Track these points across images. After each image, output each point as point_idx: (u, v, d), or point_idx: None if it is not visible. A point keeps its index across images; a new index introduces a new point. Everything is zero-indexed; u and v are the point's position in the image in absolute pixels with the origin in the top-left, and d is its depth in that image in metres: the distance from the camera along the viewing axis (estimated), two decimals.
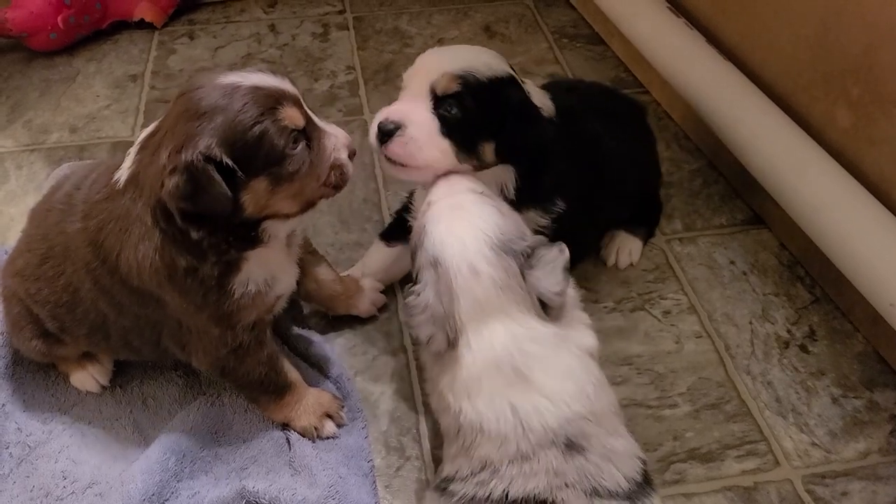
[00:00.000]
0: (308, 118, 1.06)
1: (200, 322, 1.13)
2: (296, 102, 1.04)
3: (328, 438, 1.26)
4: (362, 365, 1.42)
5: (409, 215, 1.39)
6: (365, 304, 1.45)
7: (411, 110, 1.19)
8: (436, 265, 1.04)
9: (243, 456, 1.25)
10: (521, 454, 0.99)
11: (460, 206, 1.09)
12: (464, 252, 1.03)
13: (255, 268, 1.11)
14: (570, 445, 0.99)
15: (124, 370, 1.37)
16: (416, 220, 1.14)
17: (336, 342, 1.44)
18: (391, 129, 1.18)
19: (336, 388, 1.33)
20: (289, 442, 1.26)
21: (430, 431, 1.31)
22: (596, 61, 2.18)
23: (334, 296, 1.42)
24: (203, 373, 1.31)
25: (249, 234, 1.06)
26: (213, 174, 0.97)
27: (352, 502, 1.17)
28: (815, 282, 1.57)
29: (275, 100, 1.01)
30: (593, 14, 2.28)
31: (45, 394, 1.34)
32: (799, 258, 1.61)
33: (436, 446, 1.27)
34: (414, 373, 1.40)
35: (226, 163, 0.97)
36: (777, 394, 1.38)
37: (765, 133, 1.57)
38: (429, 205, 1.12)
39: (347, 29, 2.31)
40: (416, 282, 1.08)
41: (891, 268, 1.30)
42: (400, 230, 1.43)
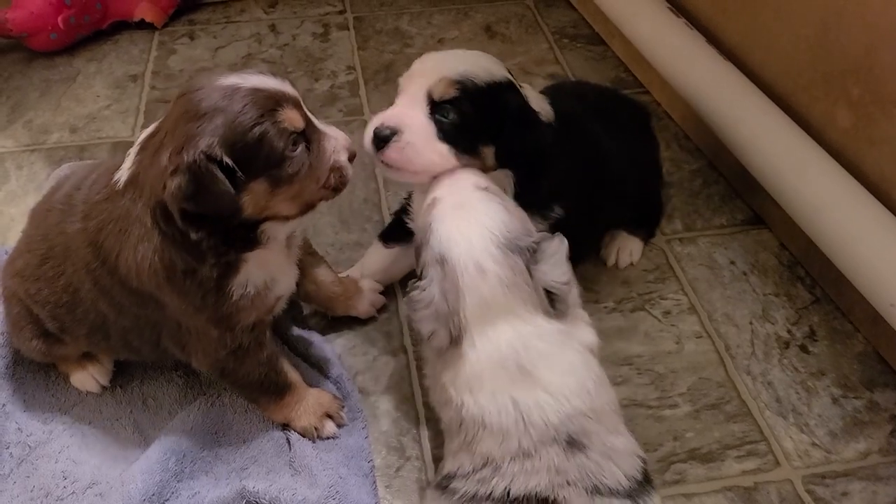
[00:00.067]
0: (308, 120, 1.06)
1: (199, 323, 1.13)
2: (296, 104, 1.04)
3: (328, 439, 1.26)
4: (362, 365, 1.42)
5: (407, 217, 1.39)
6: (364, 305, 1.45)
7: (407, 115, 1.18)
8: (442, 263, 1.04)
9: (243, 456, 1.25)
10: (523, 451, 0.99)
11: (466, 204, 1.08)
12: (470, 251, 1.03)
13: (255, 269, 1.11)
14: (571, 443, 0.99)
15: (124, 370, 1.37)
16: (421, 217, 1.13)
17: (336, 342, 1.44)
18: (387, 135, 1.17)
19: (336, 388, 1.33)
20: (289, 442, 1.26)
21: (430, 431, 1.31)
22: (596, 61, 2.18)
23: (333, 297, 1.42)
24: (203, 373, 1.31)
25: (248, 236, 1.06)
26: (216, 172, 0.96)
27: (352, 502, 1.17)
28: (815, 282, 1.57)
29: (275, 102, 1.01)
30: (593, 14, 2.28)
31: (45, 394, 1.34)
32: (799, 258, 1.61)
33: (436, 446, 1.27)
34: (414, 373, 1.40)
35: (226, 163, 0.97)
36: (777, 394, 1.38)
37: (765, 133, 1.57)
38: (434, 202, 1.11)
39: (348, 29, 2.31)
40: (420, 277, 1.07)
41: (891, 268, 1.30)
42: (398, 231, 1.43)
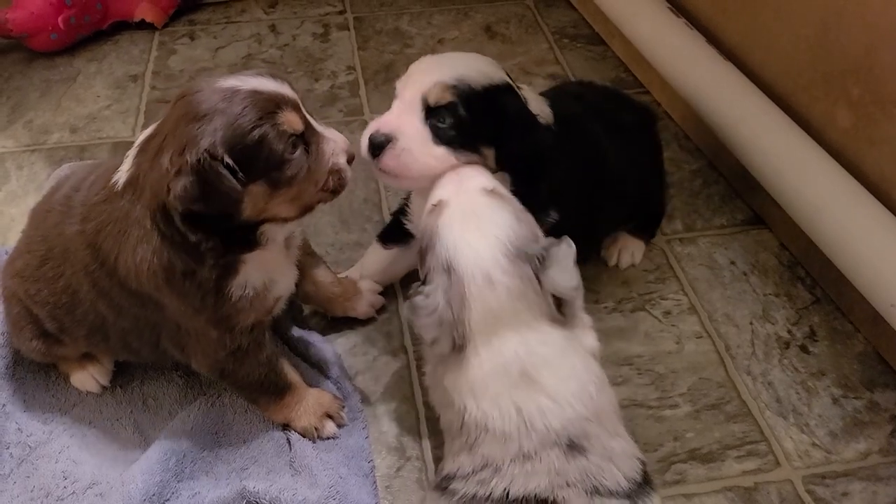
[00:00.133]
0: (307, 123, 1.06)
1: (199, 325, 1.12)
2: (295, 107, 1.04)
3: (329, 439, 1.26)
4: (363, 365, 1.41)
5: (406, 218, 1.38)
6: (363, 306, 1.45)
7: (402, 122, 1.16)
8: (449, 271, 1.02)
9: (244, 456, 1.25)
10: (524, 453, 0.98)
11: (475, 211, 1.05)
12: (479, 261, 1.01)
13: (253, 270, 1.11)
14: (571, 446, 0.98)
15: (125, 370, 1.37)
16: (425, 219, 1.11)
17: (336, 342, 1.44)
18: (382, 142, 1.16)
19: (336, 388, 1.33)
20: (289, 442, 1.26)
21: (430, 431, 1.31)
22: (596, 61, 2.18)
23: (332, 298, 1.42)
24: (203, 374, 1.31)
25: (247, 238, 1.06)
26: (221, 170, 0.96)
27: (352, 502, 1.17)
28: (815, 282, 1.57)
29: (274, 104, 1.01)
30: (594, 14, 2.28)
31: (45, 394, 1.34)
32: (799, 258, 1.61)
33: (436, 446, 1.27)
34: (414, 373, 1.40)
35: (227, 162, 0.97)
36: (777, 394, 1.38)
37: (765, 133, 1.57)
38: (440, 205, 1.08)
39: (348, 29, 2.31)
40: (424, 282, 1.06)
41: (891, 268, 1.30)
42: (397, 232, 1.42)
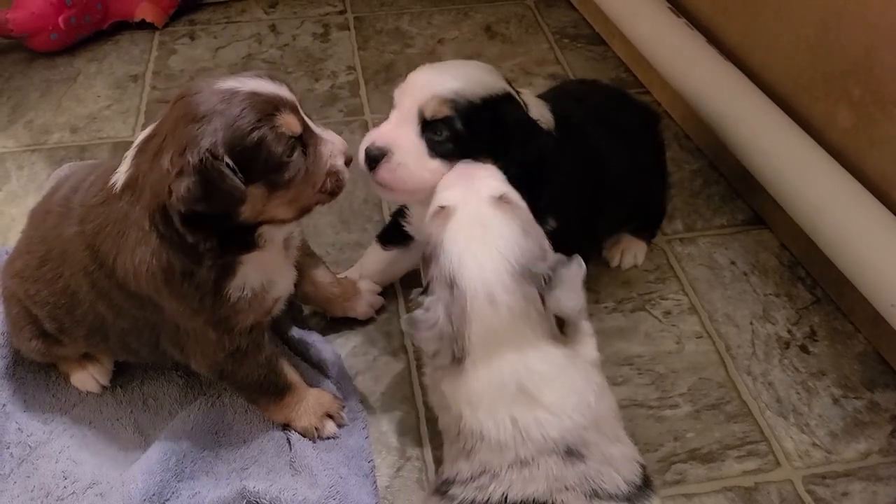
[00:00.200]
0: (305, 125, 1.05)
1: (197, 326, 1.12)
2: (293, 109, 1.04)
3: (329, 439, 1.26)
4: (363, 365, 1.41)
5: (405, 220, 1.37)
6: (362, 306, 1.45)
7: (398, 134, 1.15)
8: (451, 286, 1.00)
9: (244, 456, 1.25)
10: (521, 460, 0.98)
11: (482, 223, 1.02)
12: (483, 279, 0.98)
13: (252, 271, 1.11)
14: (569, 453, 0.98)
15: (125, 370, 1.37)
16: (429, 222, 1.08)
17: (336, 343, 1.44)
18: (377, 155, 1.15)
19: (336, 388, 1.33)
20: (289, 442, 1.26)
21: (430, 431, 1.31)
22: (597, 62, 2.18)
23: (332, 298, 1.42)
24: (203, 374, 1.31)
25: (245, 239, 1.06)
26: (223, 169, 0.96)
27: (352, 502, 1.17)
28: (815, 282, 1.57)
29: (272, 106, 1.01)
30: (594, 14, 2.28)
31: (45, 394, 1.34)
32: (800, 258, 1.61)
33: (436, 446, 1.27)
34: (414, 373, 1.40)
35: (227, 162, 0.97)
36: (778, 394, 1.38)
37: (766, 133, 1.57)
38: (448, 211, 1.05)
39: (348, 29, 2.31)
40: (426, 290, 1.04)
41: (892, 268, 1.29)
42: (397, 233, 1.42)
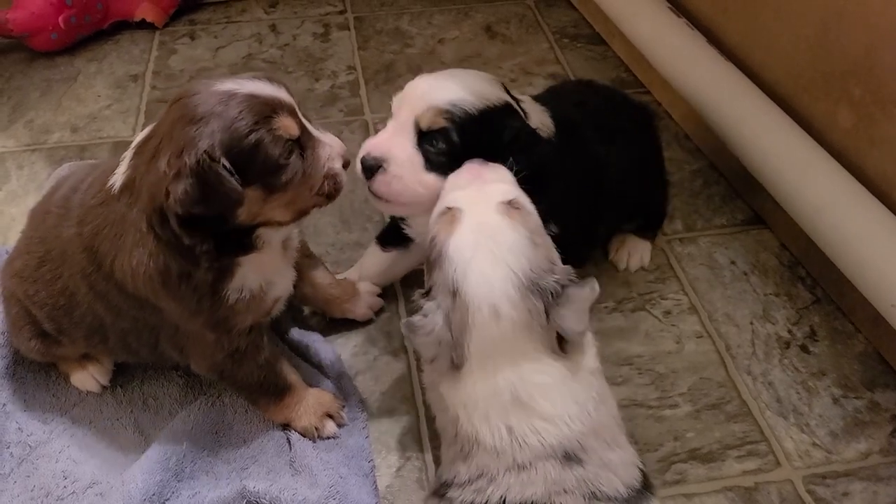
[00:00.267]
0: (303, 127, 1.05)
1: (196, 327, 1.12)
2: (291, 111, 1.04)
3: (329, 438, 1.26)
4: (363, 365, 1.41)
5: (404, 223, 1.36)
6: (362, 308, 1.45)
7: (394, 145, 1.14)
8: (454, 295, 0.97)
9: (244, 456, 1.25)
10: (518, 465, 0.97)
11: (489, 233, 0.99)
12: (488, 291, 0.96)
13: (250, 273, 1.10)
14: (567, 457, 0.97)
15: (125, 370, 1.37)
16: (435, 222, 1.06)
17: (337, 342, 1.44)
18: (373, 165, 1.14)
19: (337, 388, 1.33)
20: (289, 442, 1.26)
21: (430, 431, 1.31)
22: (597, 61, 2.18)
23: (331, 299, 1.41)
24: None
25: (242, 241, 1.06)
26: (221, 171, 0.96)
27: (352, 502, 1.17)
28: (815, 282, 1.57)
29: (270, 108, 1.00)
30: (594, 14, 2.28)
31: (45, 394, 1.34)
32: (800, 258, 1.61)
33: (436, 446, 1.27)
34: (414, 373, 1.40)
35: (224, 164, 0.97)
36: (778, 394, 1.38)
37: (766, 133, 1.57)
38: (455, 215, 1.03)
39: (348, 29, 2.31)
40: (427, 292, 1.03)
41: (892, 268, 1.29)
42: (396, 235, 1.41)
